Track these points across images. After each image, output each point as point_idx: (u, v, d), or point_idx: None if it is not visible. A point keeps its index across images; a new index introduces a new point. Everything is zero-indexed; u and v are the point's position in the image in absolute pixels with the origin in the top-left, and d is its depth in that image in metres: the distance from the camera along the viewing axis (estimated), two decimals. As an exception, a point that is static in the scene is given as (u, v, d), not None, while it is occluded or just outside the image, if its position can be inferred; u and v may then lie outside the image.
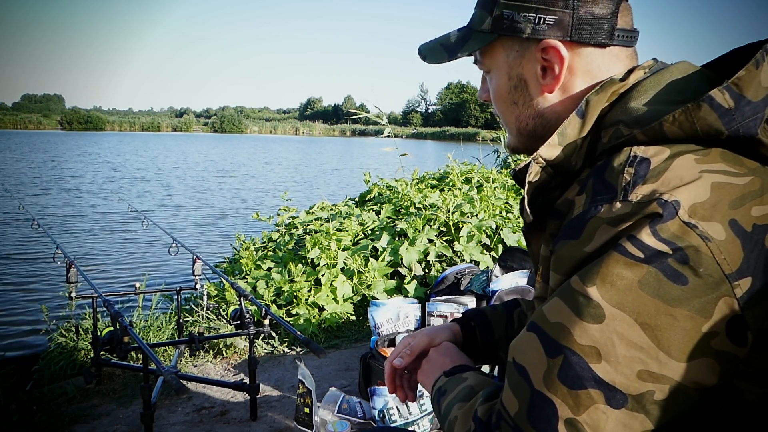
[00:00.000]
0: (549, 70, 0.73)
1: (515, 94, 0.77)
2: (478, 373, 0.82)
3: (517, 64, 0.75)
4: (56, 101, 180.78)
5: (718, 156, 0.60)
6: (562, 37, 0.71)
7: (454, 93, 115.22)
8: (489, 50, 0.77)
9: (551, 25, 0.71)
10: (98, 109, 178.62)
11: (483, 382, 0.77)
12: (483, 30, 0.76)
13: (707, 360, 0.55)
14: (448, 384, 0.81)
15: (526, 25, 0.72)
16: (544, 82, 0.74)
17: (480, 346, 1.00)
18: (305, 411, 2.04)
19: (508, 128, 0.82)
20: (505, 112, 0.80)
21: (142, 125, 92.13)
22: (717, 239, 0.55)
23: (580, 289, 0.58)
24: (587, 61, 0.73)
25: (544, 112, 0.75)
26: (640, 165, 0.59)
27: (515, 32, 0.73)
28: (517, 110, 0.78)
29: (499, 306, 1.05)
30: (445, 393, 0.79)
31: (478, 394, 0.72)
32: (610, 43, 0.72)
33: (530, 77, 0.75)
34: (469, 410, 0.71)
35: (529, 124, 0.77)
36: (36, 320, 4.29)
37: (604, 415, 0.56)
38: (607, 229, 0.58)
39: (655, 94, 0.66)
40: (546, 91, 0.74)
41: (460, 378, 0.80)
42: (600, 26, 0.71)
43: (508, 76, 0.76)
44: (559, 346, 0.58)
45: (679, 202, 0.55)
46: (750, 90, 0.59)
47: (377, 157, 25.09)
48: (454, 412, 0.74)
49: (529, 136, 0.78)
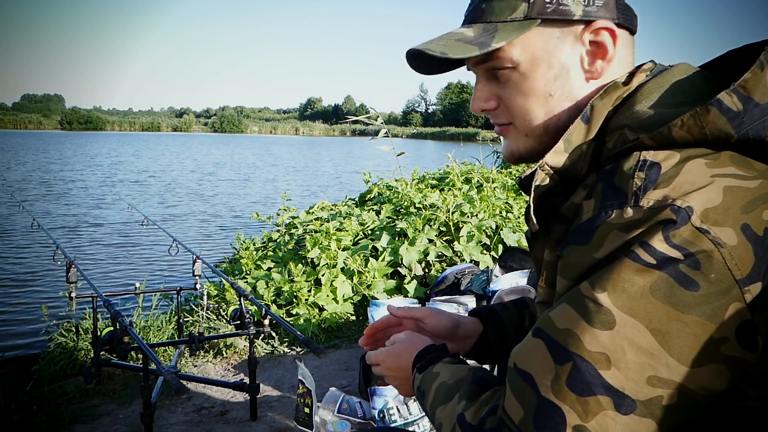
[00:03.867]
0: (597, 54, 0.71)
1: (554, 84, 0.71)
2: (446, 361, 0.80)
3: (559, 51, 0.70)
4: (56, 101, 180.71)
5: (728, 159, 0.59)
6: (611, 19, 0.70)
7: (454, 93, 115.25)
8: (522, 40, 0.70)
9: (600, 6, 0.69)
10: (98, 109, 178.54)
11: (454, 373, 0.75)
12: (515, 18, 0.70)
13: (717, 365, 0.55)
14: (423, 382, 0.79)
15: (576, 7, 0.68)
16: (592, 68, 0.71)
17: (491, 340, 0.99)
18: (305, 411, 2.04)
19: (526, 129, 0.75)
20: (532, 108, 0.73)
21: (142, 125, 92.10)
22: (729, 244, 0.54)
23: (590, 295, 0.57)
24: (623, 46, 0.72)
25: (581, 103, 0.72)
26: (651, 170, 0.58)
27: (564, 15, 0.69)
28: (550, 104, 0.72)
29: (510, 304, 1.04)
30: (424, 394, 0.78)
31: (456, 396, 0.71)
32: (636, 29, 0.72)
33: (572, 64, 0.71)
34: (451, 413, 0.69)
35: (562, 118, 0.72)
36: (36, 320, 4.29)
37: (612, 422, 0.56)
38: (618, 235, 0.57)
39: (660, 96, 0.65)
40: (591, 78, 0.72)
41: (432, 373, 0.78)
42: (631, 11, 0.71)
43: (548, 65, 0.71)
44: (568, 352, 0.57)
45: (692, 208, 0.55)
46: (757, 92, 0.59)
47: (377, 158, 25.06)
48: (438, 417, 0.73)
49: (556, 133, 0.72)
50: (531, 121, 0.74)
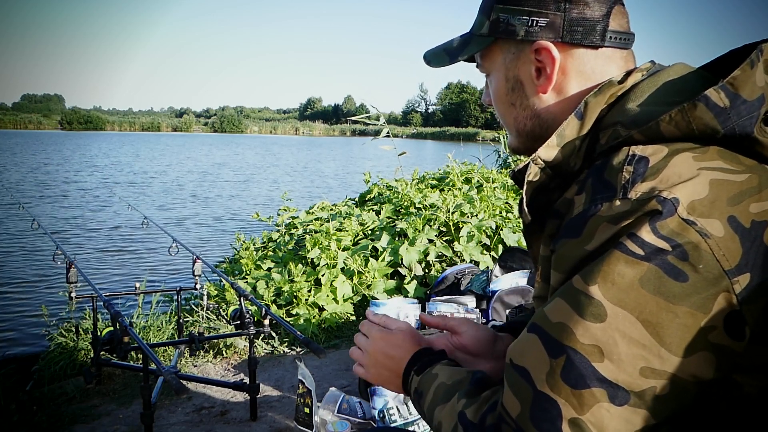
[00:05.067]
0: (542, 70, 0.75)
1: (512, 95, 0.79)
2: (444, 363, 0.80)
3: (513, 66, 0.78)
4: (56, 101, 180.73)
5: (715, 154, 0.60)
6: (554, 39, 0.73)
7: (454, 93, 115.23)
8: (488, 53, 0.80)
9: (543, 27, 0.73)
10: (98, 109, 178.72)
11: (453, 374, 0.76)
12: (482, 34, 0.79)
13: (705, 353, 0.56)
14: (422, 384, 0.79)
15: (520, 28, 0.75)
16: (539, 83, 0.76)
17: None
18: (305, 411, 2.04)
19: (508, 129, 0.84)
20: (504, 113, 0.82)
21: (142, 125, 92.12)
22: (716, 236, 0.55)
23: (581, 288, 0.58)
24: (580, 62, 0.74)
25: (540, 113, 0.77)
26: (639, 163, 0.60)
27: (510, 35, 0.76)
28: (515, 111, 0.80)
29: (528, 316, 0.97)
30: (422, 395, 0.78)
31: (456, 395, 0.71)
32: (602, 44, 0.74)
33: (525, 78, 0.77)
34: (451, 412, 0.70)
35: (527, 124, 0.79)
36: (36, 320, 4.29)
37: (608, 413, 0.56)
38: (608, 227, 0.58)
39: (651, 94, 0.67)
40: (540, 92, 0.76)
41: (431, 375, 0.78)
42: (592, 28, 0.73)
43: (505, 78, 0.79)
44: (562, 346, 0.58)
45: (678, 199, 0.56)
46: (745, 89, 0.60)
47: (378, 158, 25.08)
48: (437, 416, 0.73)
49: (527, 136, 0.80)
50: (506, 123, 0.83)
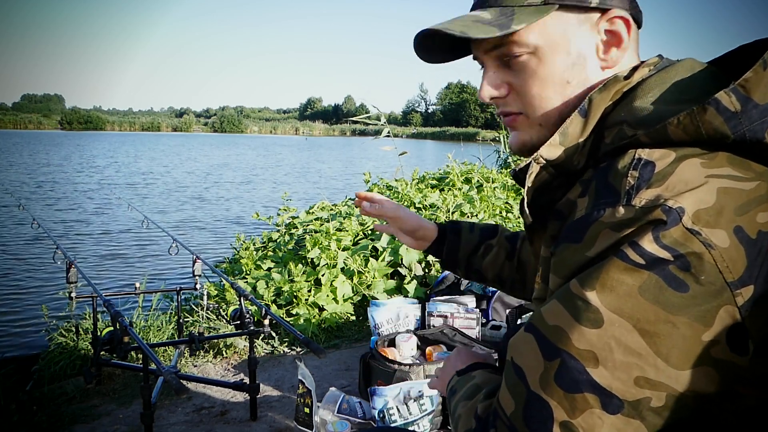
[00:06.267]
0: (612, 43, 0.70)
1: (572, 71, 0.70)
2: (487, 371, 0.82)
3: (576, 37, 0.70)
4: (56, 101, 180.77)
5: (724, 160, 0.58)
6: (625, 9, 0.70)
7: (454, 93, 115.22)
8: (537, 26, 0.69)
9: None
10: (98, 109, 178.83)
11: (489, 379, 0.77)
12: (532, 3, 0.69)
13: (706, 369, 0.55)
14: (458, 383, 0.81)
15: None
16: (607, 56, 0.71)
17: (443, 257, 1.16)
18: (305, 411, 2.04)
19: (541, 118, 0.73)
20: (549, 96, 0.72)
21: (142, 125, 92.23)
22: (720, 246, 0.53)
23: (579, 294, 0.57)
24: (634, 38, 0.72)
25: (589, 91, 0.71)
26: (645, 168, 0.58)
27: (580, 1, 0.68)
28: (567, 91, 0.71)
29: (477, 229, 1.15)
30: (455, 392, 0.80)
31: (481, 392, 0.72)
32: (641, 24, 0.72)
33: (590, 52, 0.71)
34: (471, 408, 0.71)
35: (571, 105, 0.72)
36: (36, 320, 4.29)
37: (599, 420, 0.56)
38: (609, 233, 0.57)
39: (661, 93, 0.64)
40: (607, 67, 0.71)
41: (469, 377, 0.80)
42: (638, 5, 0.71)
43: (566, 52, 0.70)
44: (557, 349, 0.58)
45: (684, 209, 0.54)
46: (757, 93, 0.57)
47: (379, 159, 25.06)
48: (459, 410, 0.74)
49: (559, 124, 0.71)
50: (546, 108, 0.72)
